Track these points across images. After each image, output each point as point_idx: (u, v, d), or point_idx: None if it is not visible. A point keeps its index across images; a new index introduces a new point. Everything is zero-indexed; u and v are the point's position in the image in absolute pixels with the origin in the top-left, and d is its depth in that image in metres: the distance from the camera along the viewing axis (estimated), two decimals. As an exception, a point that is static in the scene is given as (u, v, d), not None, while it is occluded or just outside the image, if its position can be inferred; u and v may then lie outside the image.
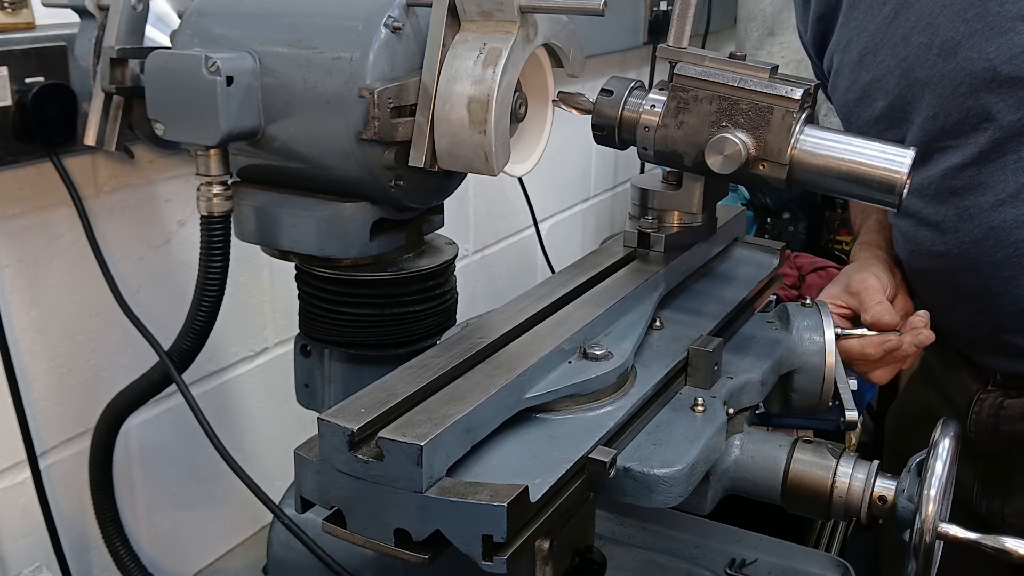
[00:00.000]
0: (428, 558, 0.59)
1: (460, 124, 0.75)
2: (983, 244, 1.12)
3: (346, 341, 0.90)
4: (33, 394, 1.13)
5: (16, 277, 1.09)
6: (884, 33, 1.15)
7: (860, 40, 1.19)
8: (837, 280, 1.24)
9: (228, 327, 1.35)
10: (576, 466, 0.64)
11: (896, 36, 1.13)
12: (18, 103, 0.99)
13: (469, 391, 0.64)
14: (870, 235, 1.35)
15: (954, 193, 1.12)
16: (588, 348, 0.74)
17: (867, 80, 1.18)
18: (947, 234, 1.14)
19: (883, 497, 0.74)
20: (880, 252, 1.29)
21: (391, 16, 0.78)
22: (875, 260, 1.27)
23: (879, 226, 1.35)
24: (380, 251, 0.87)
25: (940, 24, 1.08)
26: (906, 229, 1.21)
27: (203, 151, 0.84)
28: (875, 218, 1.37)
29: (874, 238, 1.33)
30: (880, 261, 1.26)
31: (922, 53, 1.10)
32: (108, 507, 1.14)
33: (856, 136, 0.78)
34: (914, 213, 1.17)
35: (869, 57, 1.18)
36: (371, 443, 0.59)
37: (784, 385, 0.93)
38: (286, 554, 0.98)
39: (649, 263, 0.88)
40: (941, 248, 1.16)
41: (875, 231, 1.35)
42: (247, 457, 1.42)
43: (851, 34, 1.21)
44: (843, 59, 1.23)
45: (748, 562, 0.99)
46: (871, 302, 1.15)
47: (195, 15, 0.87)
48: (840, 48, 1.23)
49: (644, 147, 0.82)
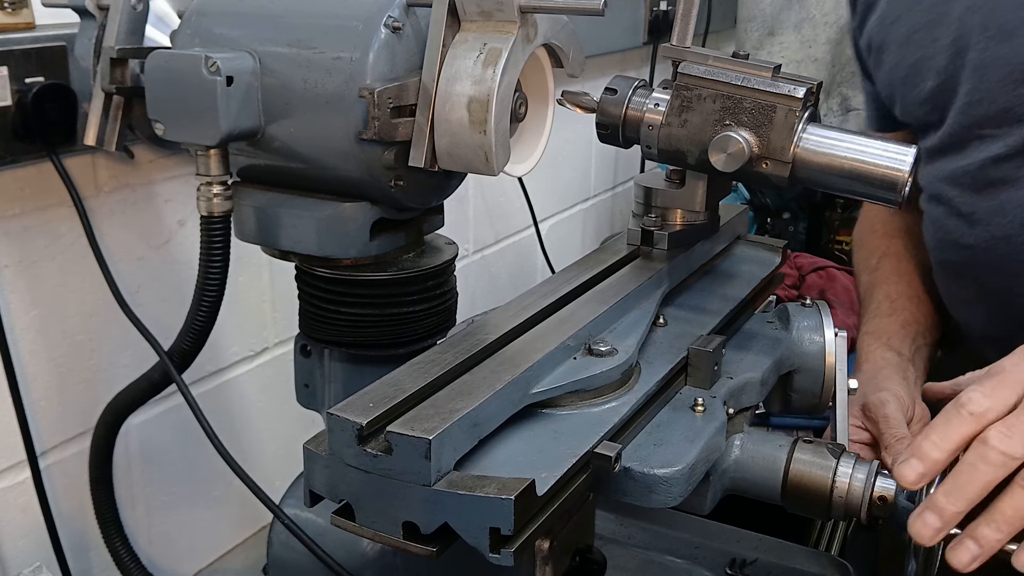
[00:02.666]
0: (436, 551, 0.59)
1: (460, 124, 0.75)
2: (1013, 241, 1.07)
3: (346, 341, 0.90)
4: (33, 394, 1.13)
5: (16, 277, 1.09)
6: (939, 10, 1.11)
7: (911, 16, 1.14)
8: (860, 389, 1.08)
9: (228, 327, 1.35)
10: (581, 461, 0.64)
11: (952, 14, 1.09)
12: (18, 103, 0.99)
13: (476, 386, 0.65)
14: (879, 321, 1.23)
15: (991, 184, 1.08)
16: (592, 345, 0.74)
17: (916, 58, 1.13)
18: (977, 227, 1.10)
19: (883, 497, 0.74)
20: (890, 354, 1.16)
21: (391, 16, 0.78)
22: (888, 368, 1.13)
23: (890, 305, 1.24)
24: (380, 251, 0.87)
25: (1000, 6, 1.04)
26: (936, 217, 1.16)
27: (203, 151, 0.84)
28: (883, 292, 1.26)
29: (884, 325, 1.21)
30: (894, 369, 1.13)
31: (976, 34, 1.06)
32: (108, 507, 1.14)
33: (858, 135, 0.78)
34: (947, 201, 1.13)
35: (920, 34, 1.13)
36: (380, 437, 0.60)
37: (784, 385, 0.93)
38: (286, 554, 0.98)
39: (652, 261, 0.89)
40: (969, 240, 1.11)
41: (885, 314, 1.23)
42: (247, 457, 1.42)
43: (900, 9, 1.17)
44: (889, 35, 1.18)
45: (748, 562, 0.99)
46: (891, 439, 1.00)
47: (195, 15, 0.86)
48: (887, 23, 1.19)
49: (648, 145, 0.83)
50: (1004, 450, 0.67)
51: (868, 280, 1.32)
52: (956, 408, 0.70)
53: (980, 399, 0.70)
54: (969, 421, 0.69)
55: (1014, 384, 0.71)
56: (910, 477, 0.70)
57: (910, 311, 1.25)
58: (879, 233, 1.39)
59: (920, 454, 0.70)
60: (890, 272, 1.31)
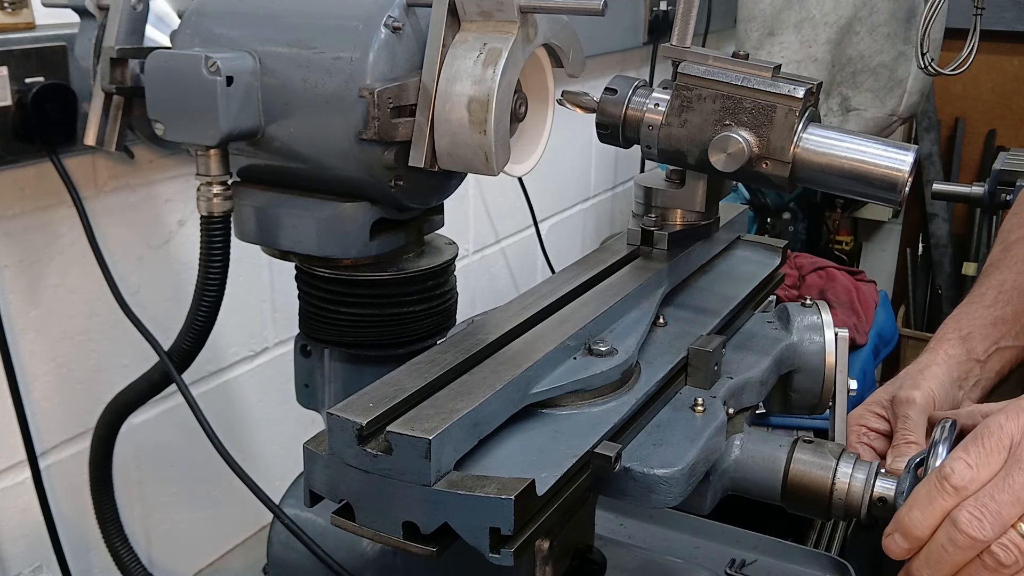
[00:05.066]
0: (436, 551, 0.59)
1: (460, 124, 0.75)
2: None
3: (346, 341, 0.90)
4: (33, 394, 1.13)
5: (16, 277, 1.09)
6: None
7: None
8: (896, 378, 1.03)
9: (228, 327, 1.35)
10: (581, 461, 0.64)
11: None
12: (18, 103, 0.99)
13: (476, 386, 0.65)
14: (973, 309, 1.10)
15: None
16: (593, 344, 0.74)
17: None
18: None
19: (883, 498, 0.74)
20: (957, 351, 1.06)
21: (391, 16, 0.78)
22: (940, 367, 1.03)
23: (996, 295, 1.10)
24: (380, 251, 0.87)
25: None
26: None
27: (203, 151, 0.84)
28: (997, 278, 1.12)
29: (973, 314, 1.09)
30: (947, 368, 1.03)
31: None
32: (108, 507, 1.14)
33: (858, 135, 0.78)
34: None
35: None
36: (380, 437, 0.60)
37: (784, 385, 0.93)
38: (286, 554, 0.98)
39: (652, 261, 0.89)
40: None
41: (985, 304, 1.10)
42: (247, 457, 1.42)
43: None
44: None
45: (748, 562, 0.99)
46: (900, 440, 0.94)
47: (195, 15, 0.86)
48: None
49: (648, 145, 0.83)
50: (973, 535, 0.68)
51: (992, 258, 1.19)
52: (940, 480, 0.70)
53: (963, 471, 0.70)
54: (952, 496, 0.69)
55: (999, 450, 0.70)
56: (897, 552, 0.72)
57: (1015, 306, 1.12)
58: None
59: (903, 530, 0.71)
60: (1019, 257, 1.15)
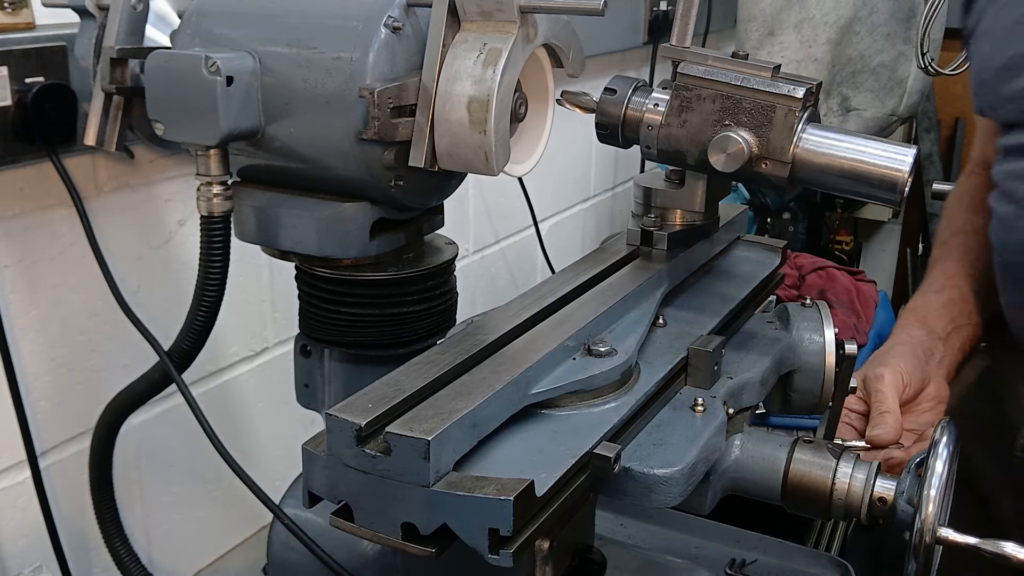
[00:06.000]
0: (435, 552, 0.59)
1: (460, 124, 0.75)
2: None
3: (346, 341, 0.90)
4: (33, 394, 1.13)
5: (16, 277, 1.09)
6: None
7: (1019, 5, 1.08)
8: (866, 363, 1.13)
9: (228, 327, 1.35)
10: (581, 461, 0.64)
11: None
12: (18, 103, 0.99)
13: (475, 387, 0.65)
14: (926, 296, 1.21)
15: None
16: (592, 345, 0.74)
17: (1014, 52, 1.07)
18: None
19: (883, 498, 0.74)
20: (919, 332, 1.16)
21: (391, 16, 0.78)
22: (905, 347, 1.13)
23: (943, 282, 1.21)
24: (380, 251, 0.87)
25: None
26: (1005, 215, 1.10)
27: (203, 151, 0.84)
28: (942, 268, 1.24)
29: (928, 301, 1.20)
30: (911, 347, 1.13)
31: None
32: (108, 507, 1.14)
33: (858, 135, 0.78)
34: (1020, 200, 1.08)
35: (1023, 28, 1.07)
36: (379, 438, 0.60)
37: (784, 385, 0.93)
38: (286, 554, 0.98)
39: (652, 261, 0.89)
40: None
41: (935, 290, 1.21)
42: (247, 457, 1.42)
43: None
44: (994, 21, 1.13)
45: (748, 562, 0.99)
46: (875, 412, 1.04)
47: (195, 15, 0.86)
48: (994, 8, 1.13)
49: (647, 146, 0.83)
50: None
51: (936, 253, 1.30)
52: None
53: None
54: None
55: None
56: None
57: (962, 289, 1.22)
58: (963, 206, 1.32)
59: None
60: (957, 248, 1.27)
